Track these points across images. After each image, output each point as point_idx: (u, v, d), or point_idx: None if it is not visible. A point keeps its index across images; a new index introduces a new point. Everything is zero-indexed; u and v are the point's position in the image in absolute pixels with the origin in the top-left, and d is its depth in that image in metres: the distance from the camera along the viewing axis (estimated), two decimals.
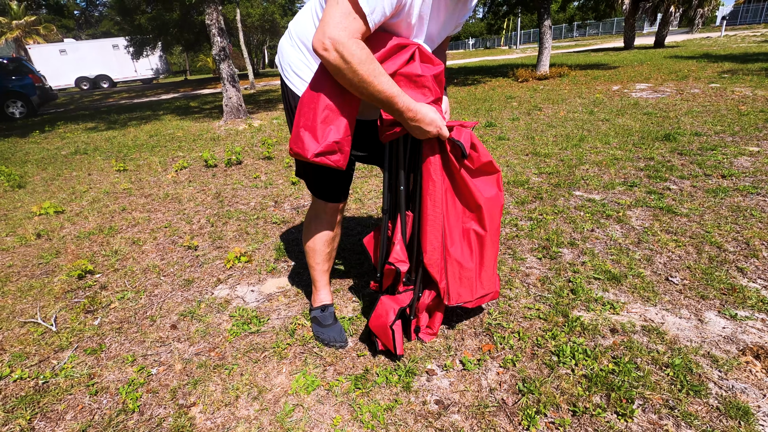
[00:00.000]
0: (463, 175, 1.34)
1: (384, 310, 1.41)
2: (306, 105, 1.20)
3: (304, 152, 1.19)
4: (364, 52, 1.06)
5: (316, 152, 1.18)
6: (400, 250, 1.37)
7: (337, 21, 1.03)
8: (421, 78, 1.19)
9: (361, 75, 1.07)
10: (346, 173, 1.49)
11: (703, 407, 1.24)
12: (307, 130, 1.19)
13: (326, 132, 1.18)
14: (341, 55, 1.04)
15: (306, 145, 1.18)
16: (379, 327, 1.43)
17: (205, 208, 3.20)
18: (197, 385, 1.46)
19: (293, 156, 1.25)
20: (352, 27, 1.04)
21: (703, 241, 2.14)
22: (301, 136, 1.20)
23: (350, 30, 1.04)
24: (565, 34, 42.21)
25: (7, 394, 1.48)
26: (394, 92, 1.13)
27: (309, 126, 1.19)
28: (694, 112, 5.05)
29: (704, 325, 1.57)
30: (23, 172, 4.88)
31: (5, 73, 11.04)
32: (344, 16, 1.03)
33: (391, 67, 1.21)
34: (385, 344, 1.45)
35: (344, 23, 1.03)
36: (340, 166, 1.24)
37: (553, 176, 3.27)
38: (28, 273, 2.38)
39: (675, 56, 12.19)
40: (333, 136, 1.19)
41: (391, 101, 1.14)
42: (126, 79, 26.45)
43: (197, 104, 11.21)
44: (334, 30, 1.03)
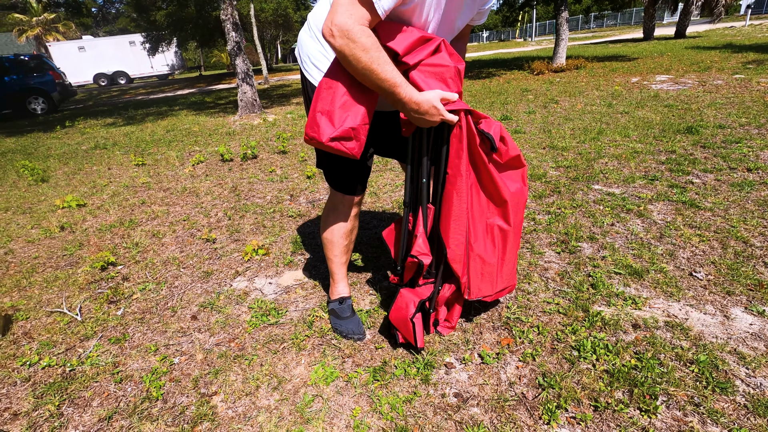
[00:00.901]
0: (490, 170, 1.32)
1: (404, 303, 1.41)
2: (324, 90, 1.19)
3: (319, 136, 1.17)
4: (370, 39, 1.07)
5: (331, 136, 1.16)
6: (423, 243, 1.36)
7: (345, 8, 1.05)
8: (446, 68, 1.18)
9: (365, 62, 1.07)
10: (365, 166, 1.49)
11: (730, 404, 1.21)
12: (324, 114, 1.18)
13: (343, 117, 1.17)
14: (347, 41, 1.05)
15: (321, 129, 1.17)
16: (399, 320, 1.43)
17: (222, 201, 3.23)
18: (218, 375, 1.48)
19: (308, 142, 1.24)
20: (358, 13, 1.05)
21: (729, 236, 2.08)
22: (317, 120, 1.19)
23: (356, 16, 1.05)
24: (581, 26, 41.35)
25: (37, 381, 1.53)
26: (397, 81, 1.12)
27: (326, 110, 1.18)
28: (718, 104, 4.90)
29: (730, 321, 1.54)
30: (46, 166, 5.00)
31: (27, 70, 11.30)
32: (351, 3, 1.05)
33: (416, 58, 1.19)
34: (406, 337, 1.45)
35: (351, 10, 1.05)
36: (355, 155, 1.21)
37: (571, 170, 3.21)
38: (53, 264, 2.44)
39: (697, 47, 11.85)
40: (350, 122, 1.17)
41: (393, 90, 1.13)
42: (142, 75, 26.84)
43: (212, 99, 11.32)
44: (341, 16, 1.04)
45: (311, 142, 1.23)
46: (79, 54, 24.86)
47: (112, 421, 1.32)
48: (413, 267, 1.39)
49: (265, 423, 1.27)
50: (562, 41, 10.03)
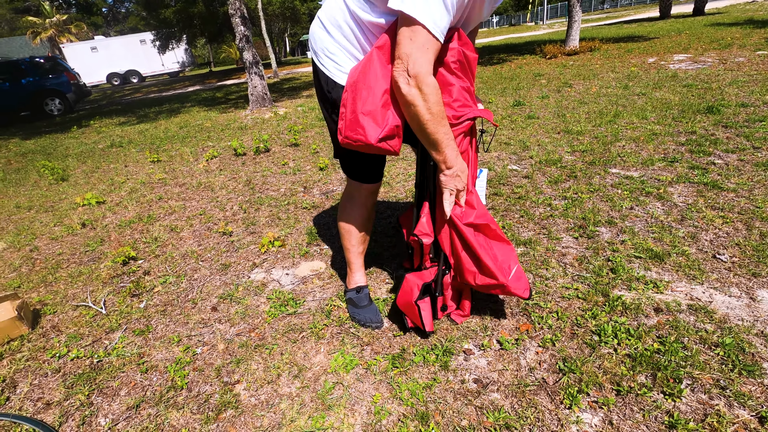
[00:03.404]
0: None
1: (409, 287, 1.42)
2: (363, 89, 1.18)
3: (366, 138, 1.18)
4: (438, 96, 1.12)
5: (380, 137, 1.18)
6: (426, 223, 1.38)
7: (417, 55, 1.06)
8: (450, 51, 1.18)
9: (428, 116, 1.12)
10: (382, 155, 1.48)
11: (758, 387, 1.19)
12: (368, 115, 1.17)
13: (386, 116, 1.18)
14: (421, 93, 1.09)
15: (368, 131, 1.17)
16: (405, 304, 1.44)
17: (237, 195, 3.26)
18: (240, 364, 1.51)
19: (349, 144, 1.23)
20: (427, 60, 1.07)
21: (753, 217, 2.03)
22: (362, 122, 1.18)
23: (427, 65, 1.07)
24: (595, 6, 40.24)
25: (66, 372, 1.58)
26: (447, 138, 1.18)
27: (369, 111, 1.17)
28: (740, 82, 4.74)
29: (757, 303, 1.50)
30: (65, 165, 5.11)
31: (42, 72, 11.50)
32: (421, 50, 1.05)
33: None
34: (414, 321, 1.46)
35: (423, 58, 1.06)
36: (396, 151, 1.25)
37: (587, 154, 3.15)
38: (77, 260, 2.50)
39: (716, 24, 11.44)
40: (393, 120, 1.19)
41: (438, 144, 1.18)
42: (154, 73, 27.12)
43: (223, 95, 11.39)
44: (416, 66, 1.06)
45: (356, 144, 1.22)
46: (91, 54, 25.21)
47: (140, 410, 1.36)
48: (415, 246, 1.40)
49: (288, 410, 1.30)
50: (575, 23, 9.77)
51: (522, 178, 2.87)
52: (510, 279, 1.36)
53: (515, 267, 1.38)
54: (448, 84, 1.23)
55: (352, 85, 1.20)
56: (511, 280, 1.36)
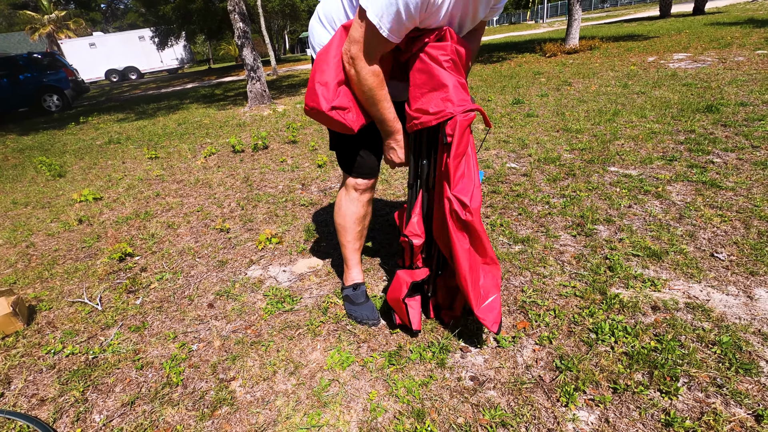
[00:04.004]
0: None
1: (399, 284, 1.42)
2: (323, 62, 1.25)
3: (319, 105, 1.24)
4: (378, 79, 1.21)
5: (332, 105, 1.24)
6: (417, 224, 1.37)
7: (360, 44, 1.15)
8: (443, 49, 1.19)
9: (369, 96, 1.23)
10: (376, 149, 1.47)
11: (754, 386, 1.18)
12: (323, 85, 1.24)
13: (338, 90, 1.24)
14: (358, 75, 1.20)
15: (320, 99, 1.24)
16: (394, 300, 1.44)
17: (235, 192, 3.25)
18: (236, 361, 1.50)
19: (308, 112, 1.31)
20: (373, 53, 1.16)
21: (752, 216, 2.02)
22: (317, 90, 1.25)
23: (371, 55, 1.17)
24: (595, 5, 40.19)
25: (61, 368, 1.57)
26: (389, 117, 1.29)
27: (324, 82, 1.24)
28: (739, 81, 4.73)
29: (754, 302, 1.50)
30: (62, 162, 5.09)
31: (40, 68, 11.44)
32: (368, 42, 1.14)
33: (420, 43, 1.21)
34: (402, 318, 1.46)
35: (367, 49, 1.15)
36: (352, 128, 1.30)
37: (585, 152, 3.15)
38: (73, 256, 2.49)
39: (716, 23, 11.43)
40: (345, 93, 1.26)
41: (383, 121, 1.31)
42: (153, 69, 27.02)
43: (222, 92, 11.35)
44: (356, 51, 1.16)
45: (311, 112, 1.29)
46: (90, 50, 25.10)
47: (135, 406, 1.36)
48: (406, 247, 1.39)
49: (283, 407, 1.29)
50: (575, 21, 9.76)
51: (520, 176, 2.86)
52: (481, 308, 1.32)
53: (493, 296, 1.33)
54: (443, 84, 1.22)
55: (317, 58, 1.27)
56: (482, 310, 1.32)
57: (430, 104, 1.23)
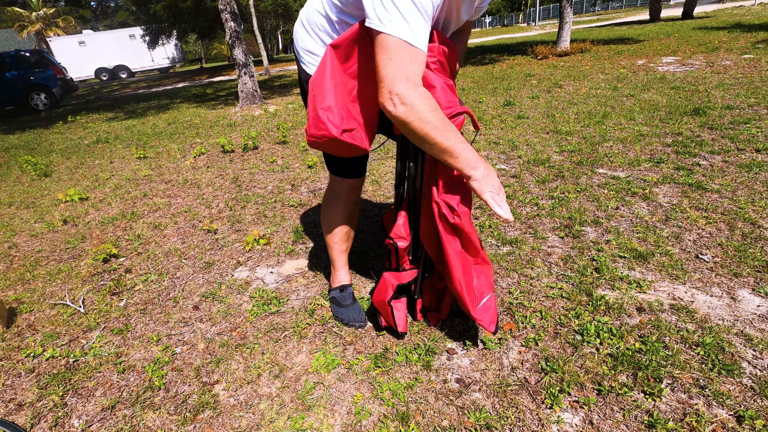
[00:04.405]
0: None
1: (384, 286, 1.41)
2: (320, 87, 1.18)
3: (329, 132, 1.15)
4: (431, 103, 1.03)
5: (342, 129, 1.16)
6: (402, 226, 1.36)
7: (400, 74, 0.99)
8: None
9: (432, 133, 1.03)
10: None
11: (737, 387, 1.19)
12: (326, 110, 1.16)
13: (341, 113, 1.17)
14: (410, 106, 1.01)
15: (329, 126, 1.15)
16: (379, 302, 1.43)
17: (224, 192, 3.22)
18: (220, 364, 1.48)
19: (316, 143, 1.21)
20: (414, 74, 1.00)
21: (736, 218, 2.04)
22: (321, 117, 1.17)
23: (413, 80, 1.00)
24: (587, 9, 40.57)
25: (41, 372, 1.54)
26: (462, 147, 1.07)
27: (328, 107, 1.16)
28: (726, 85, 4.80)
29: (737, 303, 1.51)
30: (49, 161, 5.01)
31: (28, 65, 11.28)
32: (404, 66, 0.99)
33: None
34: (387, 320, 1.45)
35: (407, 74, 0.99)
36: (365, 148, 1.23)
37: (575, 154, 3.17)
38: (57, 257, 2.45)
39: (704, 27, 11.59)
40: (350, 116, 1.19)
41: (453, 153, 1.07)
42: (143, 68, 26.77)
43: (213, 91, 11.27)
44: (399, 84, 0.99)
45: (320, 142, 1.19)
46: (79, 48, 24.80)
47: (115, 411, 1.33)
48: (392, 249, 1.39)
49: (267, 410, 1.27)
50: (566, 24, 9.84)
51: (510, 178, 2.87)
52: (477, 310, 1.30)
53: (487, 296, 1.32)
54: (430, 86, 1.21)
55: (311, 85, 1.20)
56: (478, 311, 1.30)
57: None
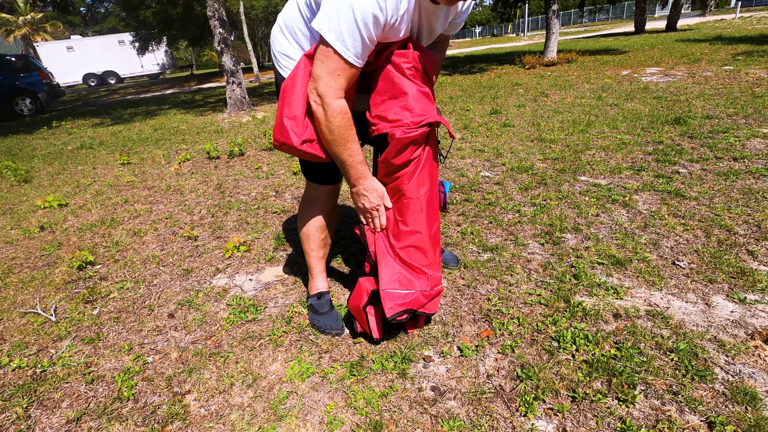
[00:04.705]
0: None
1: (359, 292, 1.40)
2: (289, 94, 1.20)
3: (291, 141, 1.20)
4: (345, 118, 1.15)
5: (303, 140, 1.20)
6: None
7: (326, 79, 1.10)
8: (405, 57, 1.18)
9: (335, 137, 1.16)
10: None
11: (709, 392, 1.19)
12: (291, 119, 1.20)
13: (306, 122, 1.20)
14: (325, 114, 1.13)
15: (290, 135, 1.20)
16: (354, 308, 1.42)
17: (207, 199, 3.19)
18: (192, 373, 1.45)
19: (279, 147, 1.26)
20: (337, 85, 1.11)
21: (713, 225, 2.07)
22: (285, 125, 1.21)
23: (335, 89, 1.11)
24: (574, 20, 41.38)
25: (5, 383, 1.49)
26: (358, 160, 1.22)
27: (292, 115, 1.19)
28: (706, 95, 4.90)
29: (711, 309, 1.52)
30: (30, 167, 4.92)
31: (13, 70, 11.12)
32: (331, 74, 1.09)
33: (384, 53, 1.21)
34: (362, 326, 1.44)
35: (331, 82, 1.10)
36: (324, 157, 1.26)
37: (558, 162, 3.19)
38: (31, 265, 2.39)
39: (687, 39, 11.89)
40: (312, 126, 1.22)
41: (350, 165, 1.22)
42: (133, 74, 26.59)
43: (202, 98, 11.22)
44: (322, 87, 1.11)
45: (282, 147, 1.25)
46: (67, 54, 24.57)
47: (81, 423, 1.29)
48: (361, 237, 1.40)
49: (238, 421, 1.24)
50: (553, 35, 10.01)
51: (493, 185, 2.88)
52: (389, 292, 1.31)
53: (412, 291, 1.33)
54: (402, 92, 1.22)
55: (282, 89, 1.23)
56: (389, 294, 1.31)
57: (389, 111, 1.23)
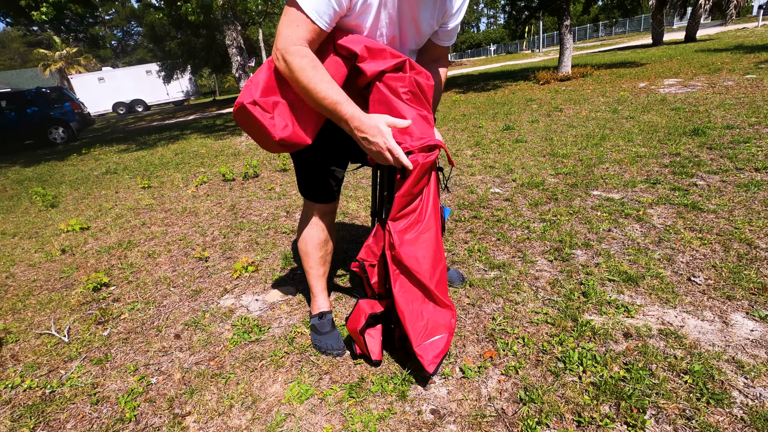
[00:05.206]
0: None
1: (357, 314, 1.39)
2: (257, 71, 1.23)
3: (241, 98, 1.17)
4: (305, 59, 1.10)
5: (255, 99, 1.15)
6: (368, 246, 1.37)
7: (284, 31, 1.10)
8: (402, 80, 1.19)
9: (304, 81, 1.10)
10: (334, 174, 1.47)
11: (725, 417, 1.12)
12: (252, 83, 1.19)
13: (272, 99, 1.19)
14: (286, 63, 1.11)
15: (243, 94, 1.17)
16: (352, 331, 1.41)
17: (220, 220, 3.25)
18: (194, 395, 1.45)
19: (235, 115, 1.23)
20: (296, 35, 1.10)
21: (732, 238, 1.98)
22: (243, 90, 1.21)
23: (294, 38, 1.09)
24: (590, 35, 41.27)
25: (16, 403, 1.52)
26: (336, 99, 1.12)
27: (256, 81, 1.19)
28: (727, 105, 4.77)
29: (729, 327, 1.44)
30: (57, 192, 5.14)
31: (48, 101, 11.79)
32: (289, 26, 1.09)
33: (377, 67, 1.20)
34: (361, 348, 1.43)
35: (289, 32, 1.09)
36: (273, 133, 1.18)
37: (570, 176, 3.14)
38: (50, 287, 2.47)
39: (707, 50, 11.66)
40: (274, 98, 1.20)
41: (334, 108, 1.12)
42: (159, 102, 27.75)
43: (222, 122, 11.57)
44: (281, 40, 1.11)
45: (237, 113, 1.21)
46: (99, 84, 25.90)
47: None
48: (361, 275, 1.39)
49: None
50: (567, 50, 10.00)
51: (503, 201, 2.85)
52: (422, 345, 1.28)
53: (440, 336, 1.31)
54: (401, 117, 1.22)
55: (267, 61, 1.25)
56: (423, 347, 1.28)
57: None
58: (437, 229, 1.28)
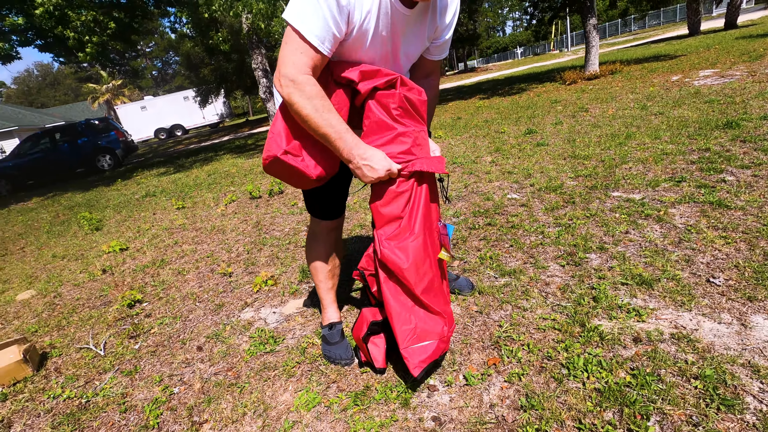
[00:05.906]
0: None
1: (360, 323, 1.43)
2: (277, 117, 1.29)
3: (272, 151, 1.22)
4: (314, 88, 1.13)
5: (284, 150, 1.21)
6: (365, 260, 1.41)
7: (289, 58, 1.12)
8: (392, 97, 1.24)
9: (309, 110, 1.13)
10: (338, 192, 1.53)
11: (737, 424, 1.07)
12: (275, 134, 1.25)
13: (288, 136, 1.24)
14: (292, 90, 1.13)
15: (271, 146, 1.23)
16: (357, 339, 1.46)
17: (245, 236, 3.40)
18: (211, 403, 1.53)
19: (267, 167, 1.27)
20: (301, 61, 1.12)
21: (759, 236, 1.88)
22: (269, 139, 1.26)
23: (299, 65, 1.12)
24: (621, 29, 39.91)
25: (56, 412, 1.66)
26: (337, 131, 1.16)
27: (277, 131, 1.25)
28: (767, 94, 4.50)
29: (748, 330, 1.38)
30: (102, 216, 5.52)
31: (96, 131, 12.71)
32: (293, 53, 1.12)
33: (369, 84, 1.26)
34: (365, 356, 1.46)
35: (294, 59, 1.12)
36: (309, 174, 1.25)
37: (589, 178, 3.07)
38: (90, 304, 2.67)
39: (749, 36, 11.03)
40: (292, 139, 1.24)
41: (334, 141, 1.17)
42: (196, 125, 29.17)
43: (253, 141, 12.03)
44: (286, 67, 1.12)
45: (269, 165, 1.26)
46: (141, 113, 27.58)
47: None
48: (362, 282, 1.43)
49: None
50: (593, 48, 9.74)
51: (519, 207, 2.82)
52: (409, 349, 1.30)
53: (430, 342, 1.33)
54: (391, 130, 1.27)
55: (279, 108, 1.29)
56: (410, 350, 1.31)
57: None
58: (425, 239, 1.31)
